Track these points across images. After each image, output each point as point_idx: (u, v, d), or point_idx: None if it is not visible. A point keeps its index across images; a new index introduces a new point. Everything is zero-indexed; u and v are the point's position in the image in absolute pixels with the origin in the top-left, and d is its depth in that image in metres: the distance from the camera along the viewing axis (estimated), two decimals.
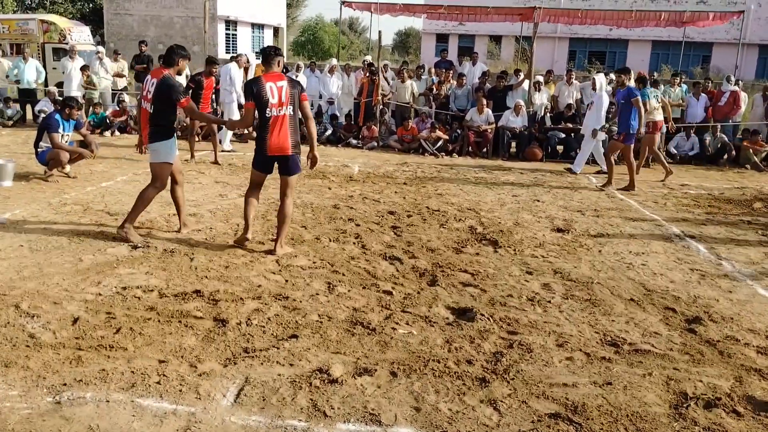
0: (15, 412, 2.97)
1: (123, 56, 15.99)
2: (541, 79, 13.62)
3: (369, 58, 15.76)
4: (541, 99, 13.19)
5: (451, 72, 14.11)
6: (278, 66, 5.48)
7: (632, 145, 9.51)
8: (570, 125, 12.56)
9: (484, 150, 12.55)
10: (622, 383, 3.52)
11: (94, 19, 34.46)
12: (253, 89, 5.27)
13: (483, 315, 4.36)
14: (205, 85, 9.83)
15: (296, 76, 12.92)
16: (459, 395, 3.32)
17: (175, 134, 5.87)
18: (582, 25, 20.30)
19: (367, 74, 13.79)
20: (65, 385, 3.22)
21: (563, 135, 12.66)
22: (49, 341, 3.69)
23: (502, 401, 3.27)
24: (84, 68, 13.98)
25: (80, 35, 20.44)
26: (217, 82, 11.19)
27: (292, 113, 5.36)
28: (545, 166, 11.68)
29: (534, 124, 12.83)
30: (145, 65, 15.17)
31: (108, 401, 3.10)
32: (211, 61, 9.99)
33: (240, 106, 10.94)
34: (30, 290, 4.45)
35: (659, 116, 10.48)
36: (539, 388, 3.42)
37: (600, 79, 10.74)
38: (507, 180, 10.05)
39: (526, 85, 13.18)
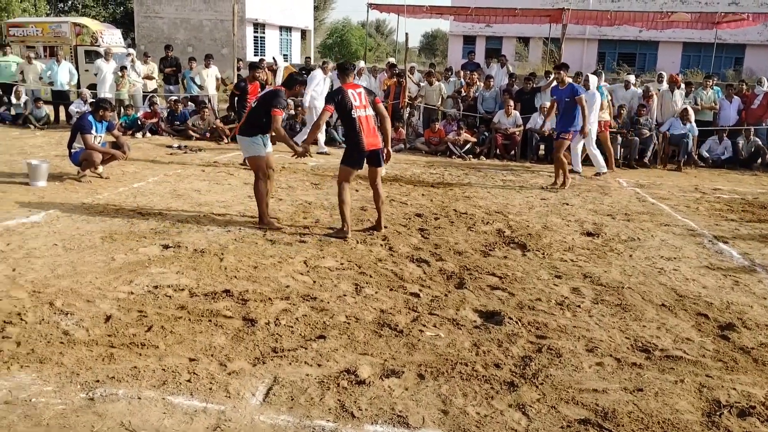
0: (50, 407, 3.03)
1: (153, 59, 16.23)
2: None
3: (393, 60, 15.76)
4: None
5: (476, 74, 14.04)
6: (353, 77, 6.37)
7: (567, 144, 9.45)
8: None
9: (512, 153, 12.49)
10: (654, 390, 3.47)
11: (125, 22, 35.01)
12: (335, 98, 6.03)
13: (511, 319, 4.33)
14: (250, 90, 9.93)
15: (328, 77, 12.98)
16: (487, 399, 3.31)
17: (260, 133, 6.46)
18: (611, 27, 20.09)
19: (393, 76, 13.80)
20: (98, 381, 3.28)
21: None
22: (82, 338, 3.76)
23: (530, 406, 3.25)
24: (123, 68, 14.22)
25: (111, 38, 20.79)
26: (262, 87, 11.26)
27: (373, 114, 6.13)
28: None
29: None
30: (173, 68, 15.37)
31: (140, 398, 3.14)
32: (255, 66, 10.04)
33: None
34: (64, 288, 4.53)
35: (607, 116, 10.98)
36: (569, 393, 3.39)
37: (593, 78, 10.84)
38: (535, 183, 9.98)
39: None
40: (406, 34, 13.89)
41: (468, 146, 12.38)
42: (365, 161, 6.15)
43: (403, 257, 5.70)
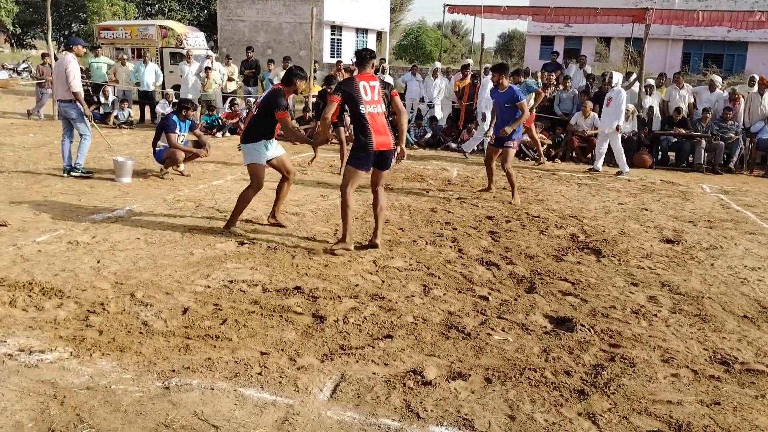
0: (128, 394, 3.17)
1: (234, 60, 16.71)
2: (652, 82, 13.05)
3: (470, 61, 15.67)
4: (652, 103, 12.64)
5: (555, 75, 13.77)
6: (371, 67, 5.83)
7: (513, 153, 8.43)
8: (682, 130, 11.96)
9: (589, 155, 12.17)
10: (732, 404, 3.31)
11: (208, 25, 36.26)
12: (343, 88, 5.62)
13: (583, 326, 4.23)
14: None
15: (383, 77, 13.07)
16: (556, 406, 3.24)
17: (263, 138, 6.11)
18: (697, 27, 19.28)
19: (467, 77, 13.72)
20: (174, 371, 3.41)
21: (674, 140, 12.08)
22: (160, 329, 3.92)
23: (601, 415, 3.16)
24: (207, 69, 14.73)
25: (195, 40, 21.54)
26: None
27: (383, 111, 5.63)
28: (654, 173, 11.18)
29: (643, 129, 12.31)
30: (253, 69, 15.79)
31: (213, 389, 3.25)
32: (329, 81, 10.09)
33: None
34: (145, 280, 4.74)
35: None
36: (641, 404, 3.28)
37: (617, 75, 10.83)
38: (613, 187, 9.70)
39: (635, 88, 12.67)
40: (482, 34, 13.83)
41: (542, 148, 12.16)
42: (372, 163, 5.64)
43: (472, 260, 5.66)
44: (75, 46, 8.49)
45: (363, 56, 5.78)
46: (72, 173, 8.39)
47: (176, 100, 12.35)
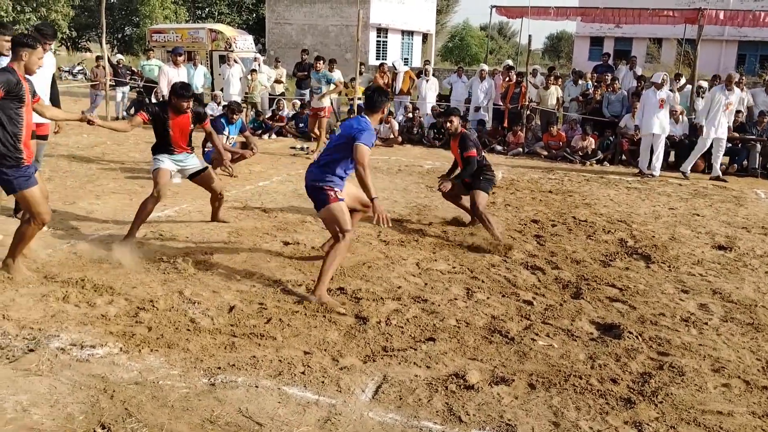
0: (175, 390, 3.24)
1: (283, 63, 16.87)
2: (704, 84, 12.69)
3: (509, 62, 15.54)
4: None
5: (608, 76, 13.51)
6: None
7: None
8: (735, 134, 11.60)
9: (639, 159, 11.90)
10: None
11: (256, 28, 36.79)
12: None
13: (631, 333, 4.14)
14: None
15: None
16: (601, 414, 3.18)
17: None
18: (753, 28, 18.67)
19: (510, 79, 13.59)
20: (220, 368, 3.47)
21: (729, 144, 11.71)
22: (207, 327, 3.99)
23: (648, 424, 3.09)
24: (253, 72, 14.95)
25: (244, 43, 21.87)
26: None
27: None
28: (707, 178, 10.87)
29: (695, 133, 11.98)
30: (305, 72, 15.93)
31: (257, 386, 3.29)
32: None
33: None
34: (192, 278, 4.83)
35: (326, 101, 11.18)
36: (690, 414, 3.20)
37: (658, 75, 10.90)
38: (663, 191, 9.47)
39: (687, 90, 12.35)
40: (529, 36, 13.68)
41: (591, 151, 11.96)
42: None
43: (517, 264, 5.60)
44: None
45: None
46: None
47: (225, 103, 12.55)
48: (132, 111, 15.90)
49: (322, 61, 11.35)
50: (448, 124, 6.70)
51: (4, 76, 4.29)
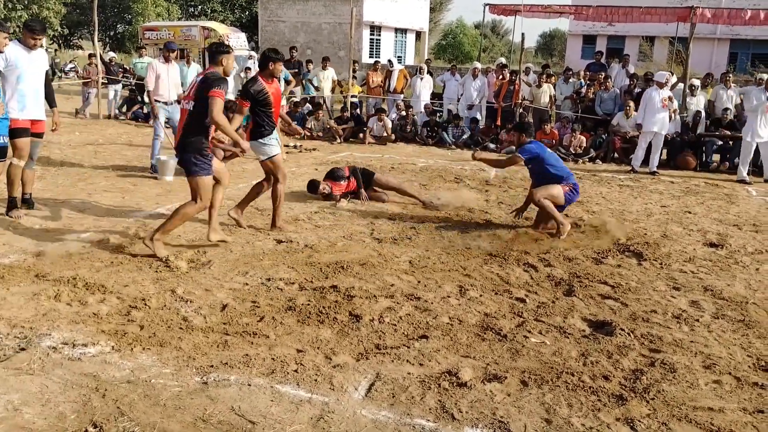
0: (167, 388, 3.23)
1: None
2: (696, 82, 12.75)
3: (503, 60, 15.56)
4: (697, 104, 12.35)
5: (601, 75, 13.55)
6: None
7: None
8: (727, 132, 11.66)
9: (631, 156, 11.95)
10: None
11: (249, 26, 36.68)
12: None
13: (623, 330, 4.16)
14: None
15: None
16: (593, 411, 3.19)
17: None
18: (745, 26, 18.76)
19: (503, 77, 13.61)
20: (212, 366, 3.46)
21: (720, 142, 11.78)
22: (199, 325, 3.98)
23: (639, 421, 3.10)
24: (247, 69, 14.91)
25: (237, 41, 21.84)
26: None
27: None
28: (699, 176, 10.93)
29: (687, 131, 12.04)
30: (296, 70, 15.91)
31: (250, 385, 3.29)
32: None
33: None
34: (184, 276, 4.82)
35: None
36: (681, 411, 3.21)
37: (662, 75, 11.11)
38: (655, 189, 9.51)
39: (680, 88, 12.41)
40: (522, 34, 13.69)
41: (584, 149, 11.99)
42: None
43: (509, 261, 5.61)
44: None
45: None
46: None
47: None
48: (124, 109, 15.85)
49: (312, 64, 11.36)
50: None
51: None
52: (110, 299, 4.31)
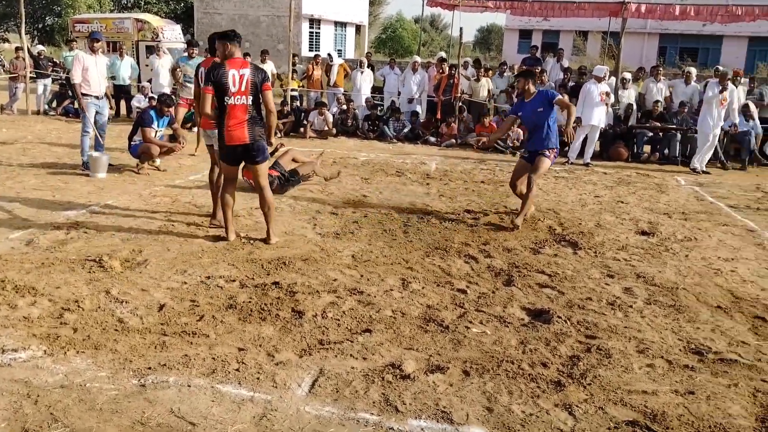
0: (103, 392, 3.14)
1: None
2: (627, 75, 13.16)
3: (443, 54, 15.70)
4: (628, 96, 12.75)
5: (537, 69, 13.81)
6: (239, 51, 5.40)
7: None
8: (657, 124, 12.09)
9: (566, 149, 12.24)
10: (706, 393, 3.37)
11: (184, 18, 35.81)
12: (212, 76, 5.24)
13: (560, 317, 4.27)
14: None
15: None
16: (533, 398, 3.27)
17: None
18: (673, 21, 19.47)
19: (443, 71, 13.73)
20: (150, 368, 3.38)
21: (650, 134, 12.20)
22: (136, 326, 3.88)
23: (577, 406, 3.20)
24: (175, 68, 14.55)
25: (172, 33, 21.28)
26: None
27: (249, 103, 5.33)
28: (630, 166, 11.29)
29: (619, 123, 12.42)
30: None
31: (189, 386, 3.23)
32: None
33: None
34: (120, 277, 4.68)
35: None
36: (617, 395, 3.32)
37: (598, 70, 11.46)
38: (589, 180, 9.78)
39: (612, 81, 12.77)
40: (461, 28, 13.82)
41: (519, 142, 12.22)
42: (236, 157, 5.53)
43: (451, 253, 5.67)
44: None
45: (230, 36, 5.33)
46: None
47: (152, 95, 12.19)
48: (54, 104, 15.26)
49: (196, 48, 11.04)
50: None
51: None
52: (41, 302, 4.15)
